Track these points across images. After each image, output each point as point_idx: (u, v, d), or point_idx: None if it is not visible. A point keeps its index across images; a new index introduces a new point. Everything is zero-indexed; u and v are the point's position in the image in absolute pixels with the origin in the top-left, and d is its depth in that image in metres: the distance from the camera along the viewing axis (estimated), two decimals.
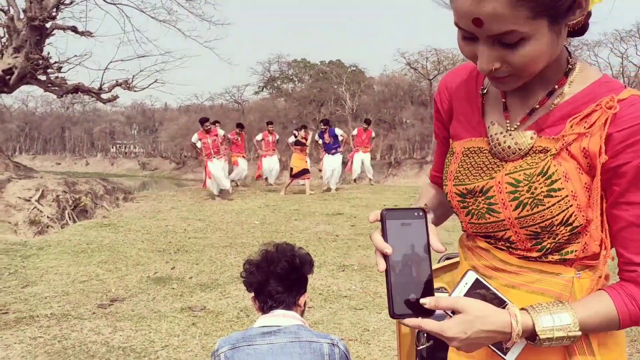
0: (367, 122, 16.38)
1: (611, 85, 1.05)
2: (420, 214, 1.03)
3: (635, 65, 34.97)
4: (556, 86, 1.07)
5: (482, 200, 1.12)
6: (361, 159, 15.79)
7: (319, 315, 4.55)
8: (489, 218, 1.12)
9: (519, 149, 1.07)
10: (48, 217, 9.81)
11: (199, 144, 12.29)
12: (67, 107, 44.20)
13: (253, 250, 6.81)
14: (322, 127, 14.01)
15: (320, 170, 15.17)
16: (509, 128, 1.10)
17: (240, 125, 16.28)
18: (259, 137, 15.96)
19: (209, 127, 12.10)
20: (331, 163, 13.50)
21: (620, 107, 0.99)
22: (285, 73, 44.77)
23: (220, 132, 12.51)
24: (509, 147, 1.08)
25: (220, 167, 12.00)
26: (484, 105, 1.17)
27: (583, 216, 1.04)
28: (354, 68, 42.58)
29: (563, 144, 1.03)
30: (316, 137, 14.53)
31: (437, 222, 1.39)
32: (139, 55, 17.08)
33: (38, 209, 9.76)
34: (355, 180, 16.27)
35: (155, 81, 15.96)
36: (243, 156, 15.22)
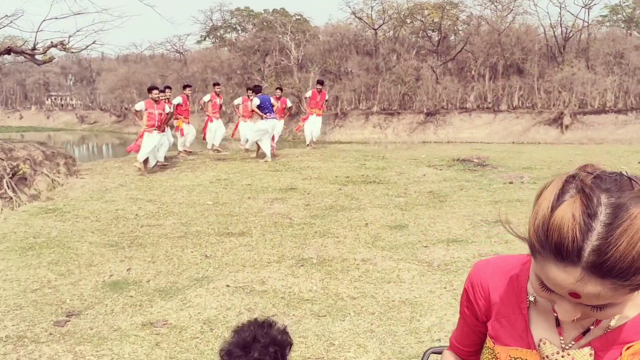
0: (321, 82, 16.16)
1: None
2: None
3: (573, 14, 35.69)
4: None
5: None
6: (314, 121, 15.69)
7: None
8: None
9: None
10: None
11: (140, 109, 11.81)
12: None
13: (209, 241, 6.71)
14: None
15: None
16: (564, 346, 1.10)
17: (187, 86, 15.69)
18: (207, 97, 15.56)
19: (157, 98, 11.63)
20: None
21: None
22: (228, 22, 43.56)
23: (167, 108, 12.04)
24: None
25: (156, 142, 11.60)
26: (529, 313, 1.15)
27: None
28: (299, 17, 41.78)
29: None
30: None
31: None
32: (75, 12, 16.20)
33: None
34: (308, 144, 16.16)
35: (93, 42, 15.27)
36: (188, 122, 14.77)
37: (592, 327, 1.08)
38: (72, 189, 10.02)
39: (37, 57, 14.89)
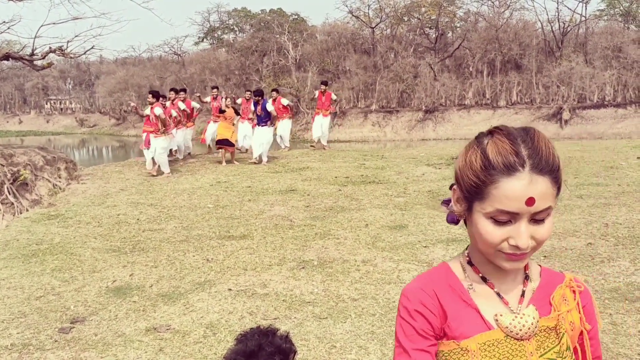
0: (324, 83, 16.21)
1: (549, 269, 1.37)
2: None
3: (570, 9, 35.78)
4: (526, 270, 1.32)
5: None
6: (321, 122, 15.75)
7: (285, 328, 4.59)
8: None
9: (537, 321, 1.27)
10: None
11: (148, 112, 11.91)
12: None
13: (210, 244, 6.75)
14: (255, 98, 13.62)
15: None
16: (515, 312, 1.28)
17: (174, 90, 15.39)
18: (207, 99, 15.62)
19: (152, 102, 11.68)
20: (260, 136, 13.30)
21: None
22: (225, 23, 43.61)
23: (158, 111, 11.89)
24: (532, 324, 1.26)
25: (157, 145, 11.64)
26: (474, 301, 1.31)
27: None
28: (296, 17, 41.81)
29: (562, 322, 1.29)
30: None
31: None
32: (73, 17, 16.24)
33: None
34: (314, 145, 16.30)
35: (92, 47, 15.29)
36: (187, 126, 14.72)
37: (524, 289, 1.30)
38: (73, 194, 10.07)
39: (35, 62, 14.94)
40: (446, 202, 1.39)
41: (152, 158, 11.77)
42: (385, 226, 7.45)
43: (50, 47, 14.80)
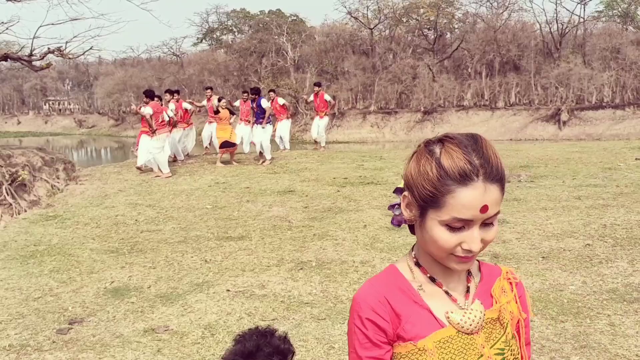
0: (318, 85, 16.14)
1: (487, 263, 1.45)
2: None
3: (569, 10, 35.86)
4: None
5: None
6: (317, 124, 15.72)
7: (284, 329, 4.58)
8: None
9: (484, 315, 1.33)
10: None
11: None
12: None
13: (209, 245, 6.74)
14: (252, 96, 13.57)
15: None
16: (464, 308, 1.33)
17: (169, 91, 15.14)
18: (204, 102, 15.61)
19: (146, 102, 11.68)
20: (259, 134, 13.28)
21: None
22: (224, 24, 43.61)
23: (146, 110, 11.77)
24: (480, 318, 1.32)
25: (150, 146, 11.59)
26: (425, 302, 1.35)
27: None
28: (295, 18, 41.86)
29: (504, 313, 1.36)
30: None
31: None
32: (71, 18, 16.23)
33: None
34: (315, 141, 16.36)
35: (91, 48, 15.29)
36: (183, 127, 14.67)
37: (469, 285, 1.36)
38: (71, 195, 10.06)
39: (34, 63, 14.91)
40: (392, 206, 1.42)
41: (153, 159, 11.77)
42: (384, 227, 7.44)
43: (48, 48, 14.78)
